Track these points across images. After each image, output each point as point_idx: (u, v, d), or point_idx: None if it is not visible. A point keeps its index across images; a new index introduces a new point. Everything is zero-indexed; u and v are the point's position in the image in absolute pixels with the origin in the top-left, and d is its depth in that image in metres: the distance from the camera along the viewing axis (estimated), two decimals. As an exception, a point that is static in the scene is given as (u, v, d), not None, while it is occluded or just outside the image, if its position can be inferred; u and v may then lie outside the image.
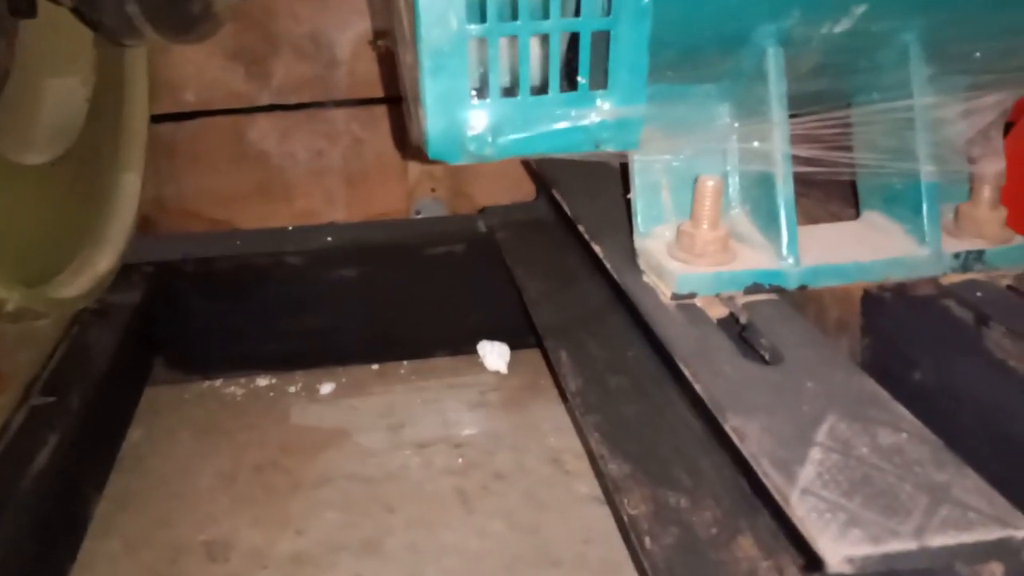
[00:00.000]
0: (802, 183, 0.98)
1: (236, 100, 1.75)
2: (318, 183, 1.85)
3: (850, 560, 0.47)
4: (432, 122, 0.67)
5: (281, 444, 1.37)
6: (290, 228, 1.57)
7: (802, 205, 0.99)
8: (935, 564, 0.48)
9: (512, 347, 1.59)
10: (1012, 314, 0.73)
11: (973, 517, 0.49)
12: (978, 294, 0.76)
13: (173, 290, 1.44)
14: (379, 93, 1.76)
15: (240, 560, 1.14)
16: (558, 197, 1.06)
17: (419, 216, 1.88)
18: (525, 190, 1.77)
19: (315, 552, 1.15)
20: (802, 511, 0.50)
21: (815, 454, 0.55)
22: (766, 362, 0.68)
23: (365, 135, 1.83)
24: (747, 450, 0.56)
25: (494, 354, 1.56)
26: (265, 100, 1.77)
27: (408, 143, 1.55)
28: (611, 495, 0.97)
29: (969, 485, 0.52)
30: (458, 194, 1.90)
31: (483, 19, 0.64)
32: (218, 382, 1.53)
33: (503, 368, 1.56)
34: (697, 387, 0.64)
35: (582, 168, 1.06)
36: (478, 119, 0.67)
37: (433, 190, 1.88)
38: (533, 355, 1.57)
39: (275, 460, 1.34)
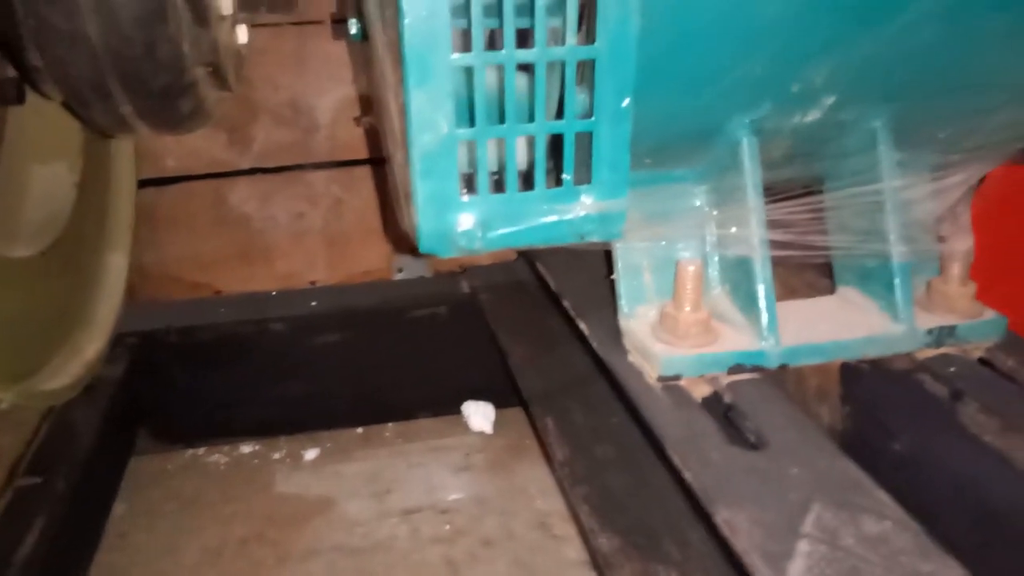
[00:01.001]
0: (778, 254, 1.02)
1: (217, 166, 1.76)
2: (299, 245, 1.86)
3: (843, 660, 0.48)
4: (423, 221, 0.68)
5: (266, 515, 1.36)
6: (273, 293, 1.57)
7: (779, 275, 1.02)
8: (924, 660, 0.50)
9: (497, 406, 1.59)
10: (985, 389, 0.76)
11: (958, 610, 0.51)
12: (951, 368, 0.79)
13: (156, 360, 1.44)
14: (359, 155, 1.79)
15: (229, 639, 1.13)
16: (541, 270, 1.08)
17: (401, 273, 1.89)
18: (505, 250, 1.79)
19: (304, 628, 1.14)
20: (794, 610, 0.51)
21: (803, 546, 0.56)
22: (752, 446, 0.69)
23: (346, 196, 1.85)
24: (738, 546, 0.57)
25: (479, 415, 1.56)
26: (246, 164, 1.79)
27: (388, 203, 1.57)
28: (601, 570, 0.98)
29: (953, 575, 0.54)
30: (439, 252, 1.92)
31: (472, 123, 0.66)
32: (201, 450, 1.52)
33: (488, 428, 1.56)
34: (687, 475, 0.66)
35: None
36: (467, 217, 0.69)
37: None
38: (518, 414, 1.58)
39: (261, 532, 1.33)
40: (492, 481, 1.45)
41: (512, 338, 1.39)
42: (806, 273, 0.99)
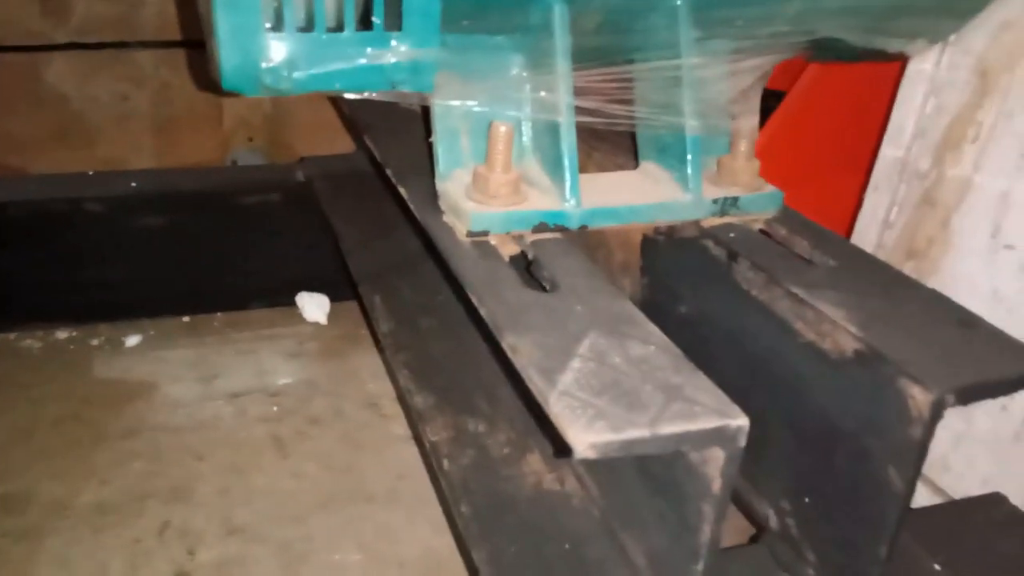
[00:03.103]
0: (594, 138, 1.07)
1: (31, 38, 1.62)
2: (123, 130, 1.76)
3: (593, 446, 0.54)
4: (226, 54, 0.67)
5: (83, 397, 1.32)
6: (91, 173, 1.49)
7: (593, 158, 1.08)
8: (666, 448, 0.57)
9: (333, 299, 1.60)
10: (757, 251, 0.85)
11: (698, 410, 0.58)
12: (731, 235, 0.87)
13: (-43, 237, 1.34)
14: (194, 36, 1.69)
15: (40, 511, 1.10)
16: (368, 142, 1.08)
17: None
18: (345, 142, 1.77)
19: (120, 501, 1.13)
20: (557, 408, 0.56)
21: (575, 364, 0.62)
22: (545, 290, 0.75)
23: (176, 80, 1.76)
24: (518, 362, 0.62)
25: (313, 305, 1.57)
26: (63, 38, 1.66)
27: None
28: (416, 427, 1.03)
29: (699, 385, 0.61)
30: (277, 144, 1.87)
31: (276, -46, 0.65)
32: (12, 336, 1.44)
33: (322, 319, 1.57)
34: (482, 311, 0.70)
35: (392, 115, 1.09)
36: (274, 53, 0.68)
37: (251, 139, 1.84)
38: (353, 307, 1.59)
39: (77, 413, 1.29)
40: (324, 367, 1.46)
41: (346, 224, 1.40)
42: (618, 156, 1.05)
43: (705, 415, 0.58)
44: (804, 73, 1.29)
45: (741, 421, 0.58)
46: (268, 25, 0.68)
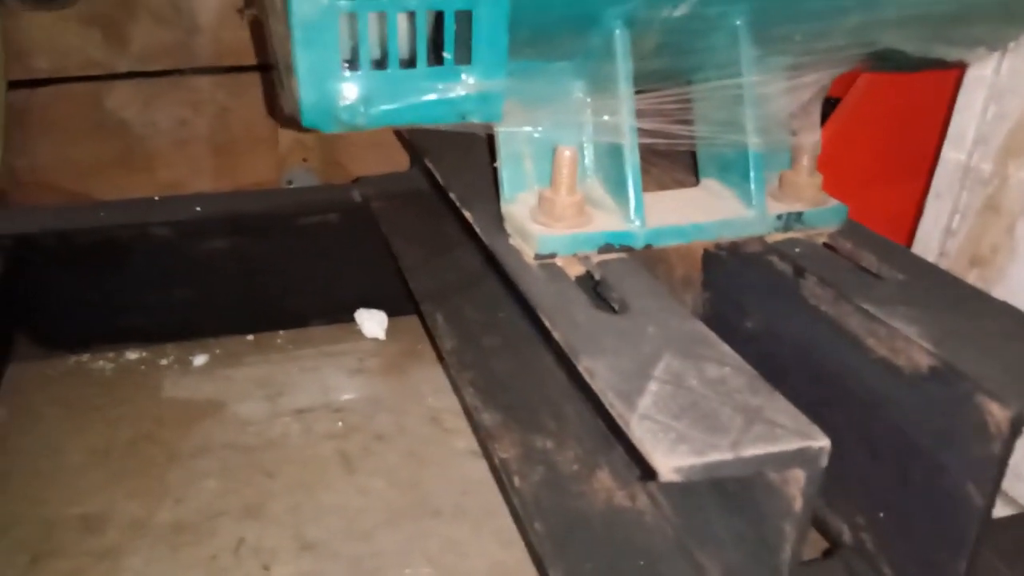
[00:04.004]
0: (652, 154, 1.08)
1: (93, 67, 1.68)
2: (183, 153, 1.82)
3: (678, 470, 0.55)
4: (305, 92, 0.70)
5: (155, 417, 1.37)
6: (156, 198, 1.54)
7: (652, 174, 1.09)
8: (748, 470, 0.58)
9: (390, 315, 1.63)
10: (824, 266, 0.85)
11: (779, 432, 0.59)
12: (797, 250, 0.88)
13: (32, 264, 1.39)
14: (247, 60, 1.74)
15: (118, 531, 1.14)
16: (430, 166, 1.11)
17: (291, 186, 1.87)
18: (399, 160, 1.80)
19: (195, 519, 1.16)
20: (640, 432, 0.58)
21: (652, 386, 0.63)
22: (615, 312, 0.76)
23: (232, 103, 1.81)
24: (596, 386, 0.64)
25: (372, 321, 1.60)
26: (124, 68, 1.72)
27: (280, 112, 1.55)
28: (484, 444, 1.04)
29: (778, 407, 0.62)
30: (331, 163, 1.91)
31: (352, -5, 0.68)
32: (85, 357, 1.49)
33: (381, 335, 1.60)
34: (555, 335, 0.72)
35: (453, 138, 1.11)
36: (350, 90, 0.71)
37: (305, 159, 1.89)
38: (412, 322, 1.62)
39: (149, 433, 1.33)
40: (385, 382, 1.49)
41: (405, 243, 1.42)
42: (676, 172, 1.06)
43: (786, 436, 0.59)
44: (857, 81, 1.28)
45: (823, 442, 0.59)
46: (345, 63, 0.70)
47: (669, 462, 0.55)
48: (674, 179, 1.05)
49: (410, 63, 0.73)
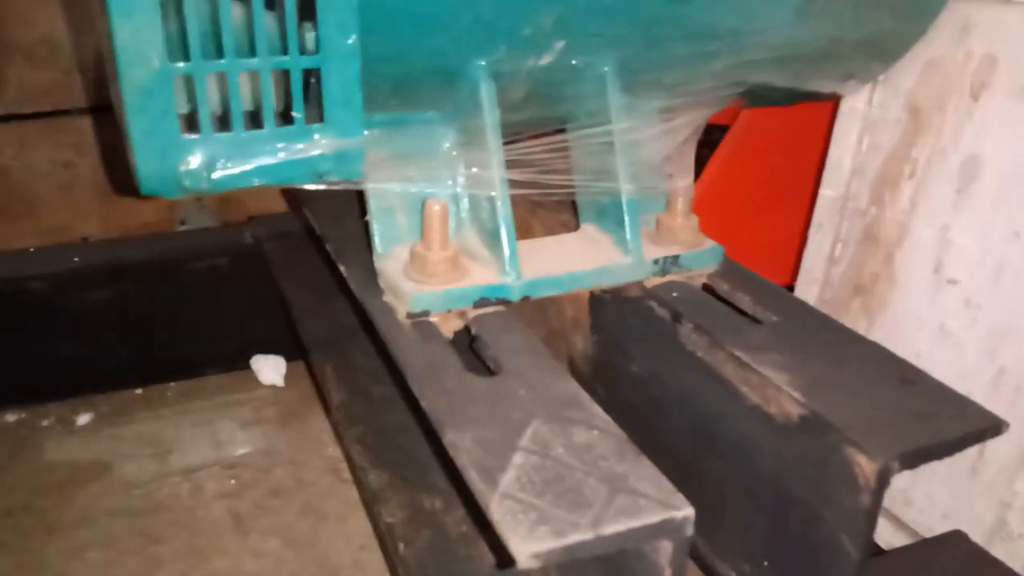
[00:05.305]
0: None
1: (-39, 111, 1.59)
2: (67, 197, 1.73)
3: (536, 556, 0.53)
4: (142, 160, 0.66)
5: (34, 485, 1.28)
6: (31, 249, 1.45)
7: (538, 216, 1.07)
8: (610, 549, 0.56)
9: (288, 359, 1.57)
10: (700, 310, 0.84)
11: (643, 504, 0.58)
12: (674, 294, 0.87)
13: None
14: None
15: (-11, 616, 1.06)
16: (308, 216, 1.07)
17: (184, 226, 1.80)
18: (294, 197, 1.75)
19: (74, 597, 1.09)
20: (499, 515, 0.55)
21: (517, 459, 0.61)
22: (489, 371, 0.74)
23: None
24: (459, 462, 0.61)
25: (269, 367, 1.54)
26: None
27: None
28: (370, 507, 1.01)
29: (643, 473, 0.60)
30: (227, 200, 1.84)
31: (188, 56, 0.64)
32: (-44, 423, 1.40)
33: (279, 381, 1.54)
34: (423, 404, 0.69)
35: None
36: (192, 155, 0.67)
37: (199, 199, 1.81)
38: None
39: (28, 503, 1.25)
40: (283, 433, 1.43)
41: (295, 287, 1.38)
42: (562, 214, 1.05)
43: (649, 509, 0.57)
44: (740, 115, 1.30)
45: (686, 511, 0.57)
46: (183, 127, 0.66)
47: (527, 547, 0.53)
48: (559, 221, 1.04)
49: (257, 123, 0.69)
